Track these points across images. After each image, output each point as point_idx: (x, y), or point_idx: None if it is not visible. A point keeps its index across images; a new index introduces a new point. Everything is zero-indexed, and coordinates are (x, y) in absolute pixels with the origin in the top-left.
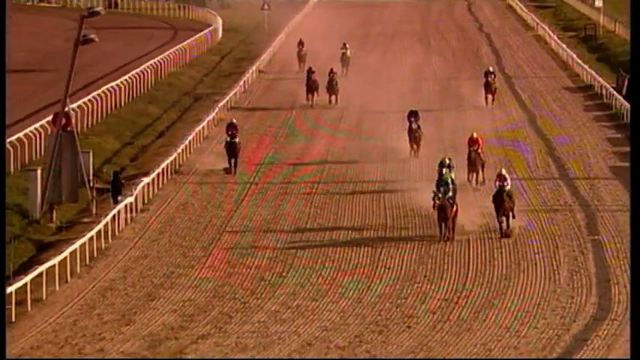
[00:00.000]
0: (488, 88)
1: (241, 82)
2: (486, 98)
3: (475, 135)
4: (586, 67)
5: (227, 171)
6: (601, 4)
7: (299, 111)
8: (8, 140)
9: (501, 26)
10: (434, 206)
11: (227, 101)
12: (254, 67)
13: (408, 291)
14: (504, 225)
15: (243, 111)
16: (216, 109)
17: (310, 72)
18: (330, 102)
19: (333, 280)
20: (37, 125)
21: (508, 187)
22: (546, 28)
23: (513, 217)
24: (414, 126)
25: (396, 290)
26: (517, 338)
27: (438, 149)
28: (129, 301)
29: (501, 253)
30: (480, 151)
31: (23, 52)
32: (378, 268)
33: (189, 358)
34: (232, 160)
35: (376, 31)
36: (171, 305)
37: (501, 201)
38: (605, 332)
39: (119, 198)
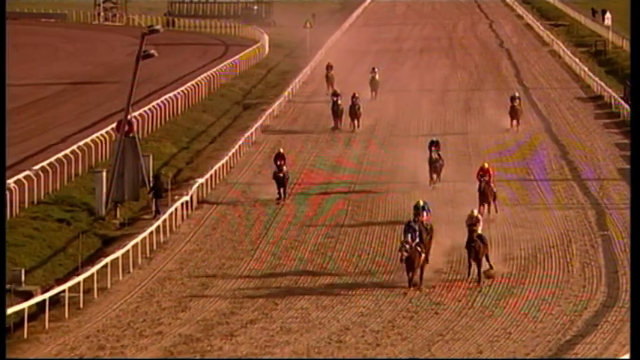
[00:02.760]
0: (515, 113)
1: (285, 94)
2: (512, 123)
3: (486, 165)
4: (596, 79)
5: (277, 201)
6: (610, 23)
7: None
8: (77, 145)
9: (520, 42)
10: (401, 258)
11: (272, 110)
12: (296, 80)
13: (436, 280)
14: (474, 270)
15: (287, 119)
16: (263, 117)
17: (335, 96)
18: (351, 126)
19: (368, 270)
20: (103, 132)
21: (479, 230)
22: (560, 44)
23: (490, 266)
24: (434, 155)
25: (425, 280)
26: (534, 323)
27: (462, 154)
28: (185, 289)
29: (520, 247)
30: (490, 181)
31: (91, 65)
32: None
33: (204, 358)
34: (281, 190)
35: (407, 47)
36: (223, 293)
37: (472, 246)
38: (614, 318)
39: (160, 201)
